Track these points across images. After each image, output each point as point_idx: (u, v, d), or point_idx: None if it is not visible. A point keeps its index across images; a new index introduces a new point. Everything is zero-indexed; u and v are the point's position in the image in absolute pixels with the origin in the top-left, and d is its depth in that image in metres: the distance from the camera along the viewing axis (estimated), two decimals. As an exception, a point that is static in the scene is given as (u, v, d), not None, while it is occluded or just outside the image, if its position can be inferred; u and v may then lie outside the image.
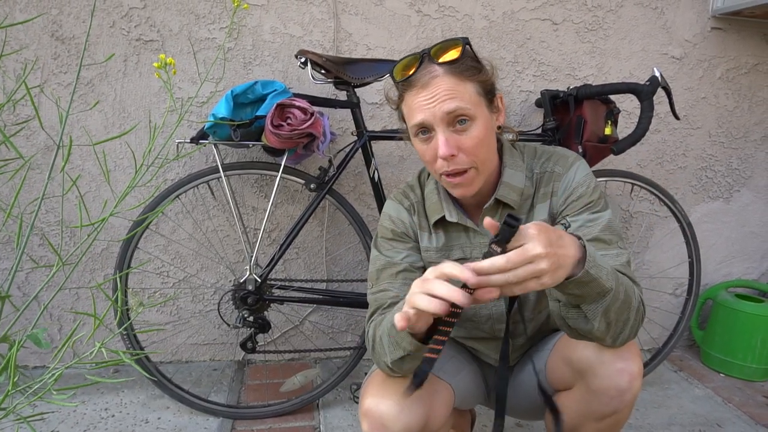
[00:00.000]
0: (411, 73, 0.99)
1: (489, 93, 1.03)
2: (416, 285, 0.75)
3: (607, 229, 1.01)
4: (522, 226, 0.73)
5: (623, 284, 0.88)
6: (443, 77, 0.97)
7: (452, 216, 1.10)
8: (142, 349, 1.74)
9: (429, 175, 1.18)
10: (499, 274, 0.71)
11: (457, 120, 0.97)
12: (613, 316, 0.87)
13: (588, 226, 1.02)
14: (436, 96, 0.96)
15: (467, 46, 1.00)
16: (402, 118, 1.08)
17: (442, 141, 0.97)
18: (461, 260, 1.13)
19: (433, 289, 0.72)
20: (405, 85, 1.01)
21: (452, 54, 0.98)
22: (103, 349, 0.57)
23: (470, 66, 1.00)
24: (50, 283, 1.88)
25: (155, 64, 0.77)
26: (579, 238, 0.81)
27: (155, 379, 1.69)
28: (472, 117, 0.98)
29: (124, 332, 1.66)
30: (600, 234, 1.00)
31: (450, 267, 0.73)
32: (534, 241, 0.71)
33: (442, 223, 1.13)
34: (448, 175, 1.01)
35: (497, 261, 0.71)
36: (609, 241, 1.00)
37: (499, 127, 1.08)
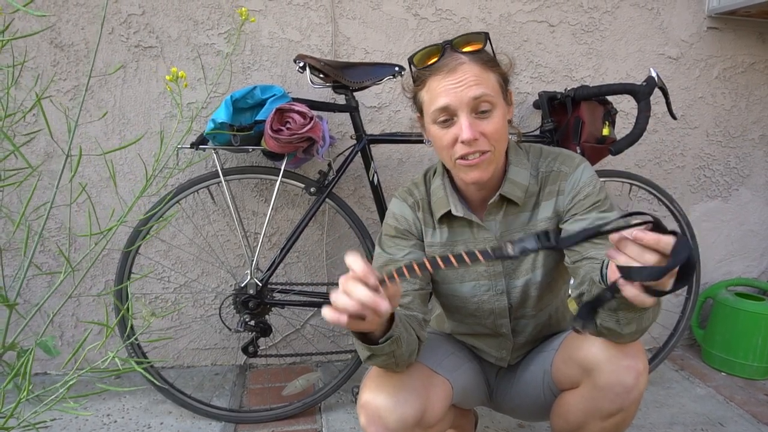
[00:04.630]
0: (436, 59, 1.02)
1: (505, 85, 1.07)
2: (341, 281, 0.75)
3: None
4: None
5: None
6: (470, 64, 1.00)
7: (458, 210, 1.11)
8: (144, 354, 1.74)
9: (435, 172, 1.19)
10: None
11: (480, 107, 1.00)
12: (645, 323, 0.91)
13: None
14: (463, 81, 0.99)
15: (488, 40, 1.04)
16: (418, 107, 1.10)
17: (466, 125, 0.99)
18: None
19: (350, 291, 0.72)
20: (430, 70, 1.03)
21: (476, 45, 1.02)
22: (117, 359, 0.57)
23: (491, 58, 1.04)
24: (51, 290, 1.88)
25: (167, 77, 0.78)
26: None
27: (158, 384, 1.69)
28: (494, 105, 1.01)
29: (128, 339, 1.66)
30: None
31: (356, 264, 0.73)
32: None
33: (447, 218, 1.14)
34: (464, 158, 1.02)
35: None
36: None
37: (509, 121, 1.10)
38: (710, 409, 1.84)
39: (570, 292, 1.11)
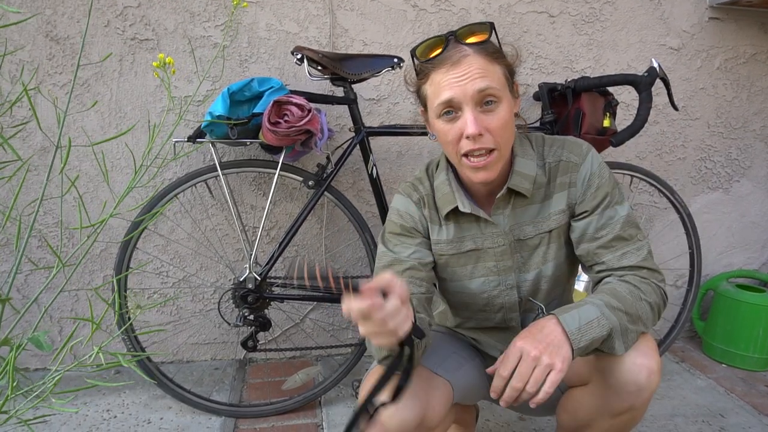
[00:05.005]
0: (439, 51, 0.99)
1: (511, 78, 1.04)
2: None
3: (626, 224, 1.05)
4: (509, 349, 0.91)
5: (623, 309, 0.95)
6: (474, 56, 0.97)
7: (465, 206, 1.08)
8: (142, 349, 1.74)
9: (438, 166, 1.16)
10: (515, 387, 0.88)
11: (485, 100, 0.97)
12: (630, 337, 0.96)
13: (610, 225, 1.05)
14: (468, 74, 0.96)
15: (493, 30, 1.01)
16: (422, 101, 1.07)
17: (471, 119, 0.96)
18: (473, 251, 1.13)
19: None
20: (433, 63, 1.00)
21: (480, 36, 0.99)
22: (101, 353, 0.56)
23: (496, 49, 1.01)
24: (50, 285, 1.87)
25: (154, 64, 0.76)
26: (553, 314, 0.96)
27: (148, 377, 1.68)
28: (499, 98, 0.98)
29: (124, 334, 1.66)
30: (621, 232, 1.04)
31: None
32: (524, 348, 0.89)
33: (453, 214, 1.12)
34: (470, 156, 0.99)
35: (502, 373, 0.90)
36: (630, 237, 1.05)
37: (515, 114, 1.08)
38: (711, 400, 1.84)
39: (576, 284, 1.11)
